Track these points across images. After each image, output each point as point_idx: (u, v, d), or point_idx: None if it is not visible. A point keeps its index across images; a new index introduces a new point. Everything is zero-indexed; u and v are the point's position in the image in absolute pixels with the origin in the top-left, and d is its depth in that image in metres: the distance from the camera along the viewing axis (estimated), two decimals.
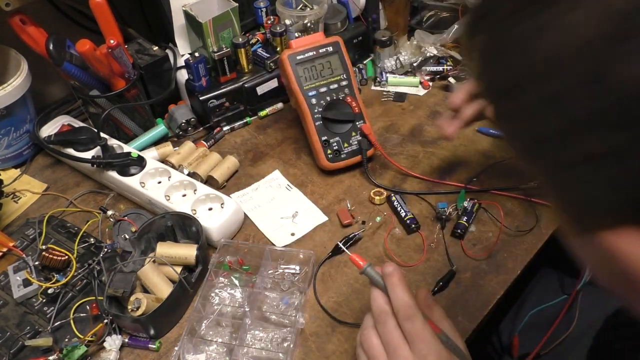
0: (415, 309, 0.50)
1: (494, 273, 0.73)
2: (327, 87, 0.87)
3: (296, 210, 0.83)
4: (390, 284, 0.52)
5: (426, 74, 1.06)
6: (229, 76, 0.96)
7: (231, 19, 0.94)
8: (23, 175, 0.92)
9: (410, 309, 0.50)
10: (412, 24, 1.14)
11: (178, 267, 0.72)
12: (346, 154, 0.87)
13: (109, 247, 0.75)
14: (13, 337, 0.67)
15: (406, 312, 0.50)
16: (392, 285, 0.51)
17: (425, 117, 0.99)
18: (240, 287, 0.73)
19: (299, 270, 0.74)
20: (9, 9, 0.80)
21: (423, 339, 0.49)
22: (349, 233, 0.77)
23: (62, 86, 1.05)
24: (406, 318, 0.50)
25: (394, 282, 0.51)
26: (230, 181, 0.89)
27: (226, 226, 0.77)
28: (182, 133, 0.96)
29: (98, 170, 0.85)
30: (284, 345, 0.66)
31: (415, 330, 0.50)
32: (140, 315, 0.65)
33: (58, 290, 0.70)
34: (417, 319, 0.50)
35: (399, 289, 0.51)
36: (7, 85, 0.85)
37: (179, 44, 0.99)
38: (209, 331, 0.68)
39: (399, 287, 0.51)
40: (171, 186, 0.81)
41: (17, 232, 0.80)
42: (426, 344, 0.49)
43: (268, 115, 1.01)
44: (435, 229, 0.79)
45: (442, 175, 0.87)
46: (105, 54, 0.83)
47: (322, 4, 0.99)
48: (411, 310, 0.50)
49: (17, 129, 0.90)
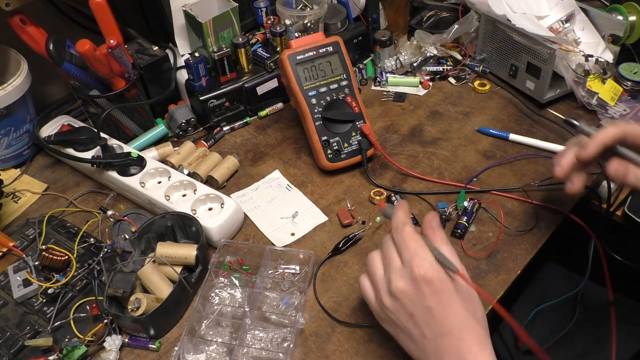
0: (405, 222, 0.56)
1: (494, 273, 0.73)
2: (327, 87, 0.87)
3: (296, 210, 0.83)
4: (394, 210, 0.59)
5: (426, 74, 1.06)
6: (229, 76, 0.96)
7: (231, 19, 0.94)
8: (23, 175, 0.92)
9: (400, 223, 0.56)
10: (412, 24, 1.14)
11: (178, 267, 0.72)
12: (346, 154, 0.87)
13: (109, 247, 0.75)
14: (13, 337, 0.67)
15: (396, 225, 0.56)
16: (394, 209, 0.59)
17: (425, 117, 0.99)
18: (240, 287, 0.73)
19: (299, 270, 0.74)
20: (9, 9, 0.80)
21: (407, 245, 0.54)
22: (349, 233, 0.77)
23: (62, 86, 1.05)
24: (395, 230, 0.56)
25: (396, 207, 0.59)
26: (230, 181, 0.89)
27: (226, 226, 0.77)
28: (182, 133, 0.96)
29: (98, 170, 0.85)
30: (284, 345, 0.66)
31: (402, 239, 0.55)
32: (140, 315, 0.65)
33: (58, 290, 0.70)
34: (404, 230, 0.55)
35: (398, 210, 0.58)
36: (7, 85, 0.85)
37: (179, 44, 0.99)
38: (209, 331, 0.68)
39: (398, 209, 0.58)
40: (171, 186, 0.81)
41: (17, 232, 0.80)
42: (410, 250, 0.54)
43: (268, 115, 1.01)
44: None
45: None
46: (105, 54, 0.83)
47: (322, 4, 0.99)
48: (400, 224, 0.56)
49: (17, 129, 0.90)
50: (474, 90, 1.04)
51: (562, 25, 1.01)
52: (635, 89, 0.96)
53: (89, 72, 0.87)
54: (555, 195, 0.83)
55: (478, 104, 1.01)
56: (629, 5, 1.00)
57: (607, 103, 0.94)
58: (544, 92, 0.96)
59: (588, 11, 1.02)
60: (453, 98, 1.03)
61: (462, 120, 0.98)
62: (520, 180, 0.85)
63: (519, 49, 0.97)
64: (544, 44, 0.91)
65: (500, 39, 1.00)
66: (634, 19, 0.99)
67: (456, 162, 0.89)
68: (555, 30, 1.01)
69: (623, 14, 1.00)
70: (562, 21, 1.01)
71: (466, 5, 1.06)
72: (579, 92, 0.95)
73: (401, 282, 0.53)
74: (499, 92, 1.03)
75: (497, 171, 0.87)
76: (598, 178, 0.86)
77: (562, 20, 1.01)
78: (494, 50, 1.03)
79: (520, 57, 0.97)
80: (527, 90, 0.99)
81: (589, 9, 1.02)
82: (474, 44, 1.07)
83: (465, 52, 1.08)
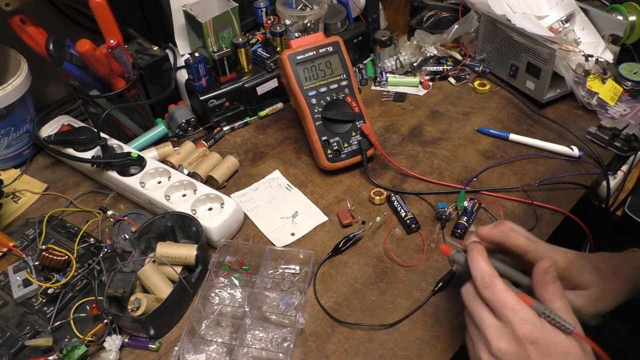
0: (492, 275, 0.49)
1: None
2: (327, 87, 0.87)
3: (296, 210, 0.83)
4: (470, 258, 0.52)
5: (426, 74, 1.06)
6: (229, 76, 0.96)
7: (231, 19, 0.94)
8: (23, 175, 0.92)
9: (487, 276, 0.49)
10: (412, 24, 1.14)
11: (178, 267, 0.72)
12: (346, 154, 0.87)
13: (109, 247, 0.75)
14: (13, 337, 0.67)
15: (483, 280, 0.49)
16: (471, 258, 0.52)
17: (425, 117, 0.99)
18: (240, 287, 0.73)
19: (299, 270, 0.74)
20: (9, 9, 0.80)
21: (506, 305, 0.48)
22: (349, 233, 0.77)
23: (62, 86, 1.05)
24: (484, 286, 0.49)
25: (472, 255, 0.52)
26: (230, 181, 0.89)
27: (226, 226, 0.77)
28: (182, 133, 0.96)
29: (98, 170, 0.85)
30: (284, 345, 0.66)
31: (495, 297, 0.48)
32: (140, 315, 0.65)
33: (58, 290, 0.70)
34: (495, 286, 0.49)
35: (478, 259, 0.51)
36: (7, 85, 0.85)
37: (179, 44, 0.99)
38: (209, 331, 0.68)
39: (478, 258, 0.51)
40: (171, 186, 0.81)
41: (17, 232, 0.80)
42: (511, 310, 0.47)
43: (268, 115, 1.01)
44: (435, 229, 0.79)
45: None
46: (105, 54, 0.83)
47: (322, 4, 0.99)
48: (488, 277, 0.49)
49: (17, 129, 0.90)
50: (474, 90, 1.04)
51: (562, 25, 1.01)
52: (635, 89, 0.96)
53: (89, 72, 0.87)
54: (555, 195, 0.83)
55: (478, 104, 1.01)
56: (629, 5, 1.00)
57: (607, 103, 0.94)
58: (544, 92, 0.96)
59: (588, 11, 1.02)
60: (453, 98, 1.03)
61: (462, 120, 0.98)
62: (520, 180, 0.85)
63: (519, 49, 0.97)
64: (544, 44, 0.91)
65: (500, 39, 1.00)
66: (634, 19, 0.99)
67: (456, 162, 0.89)
68: (555, 30, 1.01)
69: (623, 14, 1.00)
70: (562, 21, 1.01)
71: (466, 5, 1.06)
72: (579, 92, 0.95)
73: (502, 343, 0.47)
74: (499, 92, 1.03)
75: (497, 171, 0.87)
76: (598, 178, 0.86)
77: (562, 20, 1.01)
78: (494, 50, 1.03)
79: (520, 57, 0.97)
80: (527, 90, 0.99)
81: (589, 9, 1.02)
82: (474, 44, 1.07)
83: (465, 52, 1.08)
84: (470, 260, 0.52)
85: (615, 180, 0.92)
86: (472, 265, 0.51)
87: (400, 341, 0.66)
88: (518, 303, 0.48)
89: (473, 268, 0.51)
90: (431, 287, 0.71)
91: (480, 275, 0.50)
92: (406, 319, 0.68)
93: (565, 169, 0.87)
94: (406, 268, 0.74)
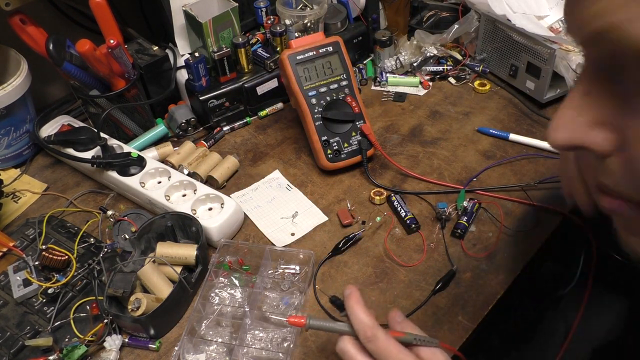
0: (374, 327, 0.49)
1: (494, 273, 0.73)
2: (327, 87, 0.87)
3: (296, 210, 0.83)
4: (349, 307, 0.51)
5: (426, 74, 1.06)
6: (229, 76, 0.96)
7: (231, 19, 0.94)
8: (23, 175, 0.92)
9: (370, 328, 0.49)
10: (412, 24, 1.14)
11: (178, 267, 0.72)
12: (346, 154, 0.87)
13: (109, 247, 0.75)
14: (13, 337, 0.67)
15: (365, 333, 0.49)
16: (350, 307, 0.51)
17: (425, 117, 0.99)
18: (240, 287, 0.73)
19: (299, 270, 0.74)
20: (9, 9, 0.80)
21: (390, 355, 0.49)
22: (349, 233, 0.77)
23: (62, 86, 1.05)
24: (367, 340, 0.49)
25: (351, 304, 0.51)
26: (230, 181, 0.89)
27: (226, 226, 0.77)
28: (182, 133, 0.96)
29: (98, 170, 0.85)
30: (284, 345, 0.66)
31: (379, 348, 0.49)
32: (140, 315, 0.65)
33: (58, 290, 0.70)
34: (378, 337, 0.49)
35: (357, 310, 0.51)
36: (7, 85, 0.85)
37: (179, 44, 0.99)
38: (209, 331, 0.68)
39: (356, 308, 0.51)
40: (171, 186, 0.81)
41: (17, 232, 0.80)
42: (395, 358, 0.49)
43: (268, 115, 1.01)
44: (435, 229, 0.79)
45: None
46: (105, 54, 0.83)
47: (322, 4, 0.99)
48: (370, 329, 0.49)
49: (17, 129, 0.90)
50: (474, 90, 1.04)
51: (562, 25, 1.01)
52: None
53: (89, 72, 0.87)
54: (555, 195, 0.83)
55: (478, 104, 1.01)
56: None
57: None
58: (544, 92, 0.96)
59: None
60: (453, 98, 1.03)
61: (462, 120, 0.98)
62: (520, 180, 0.85)
63: (519, 49, 0.97)
64: (544, 43, 0.91)
65: (500, 39, 1.00)
66: None
67: (456, 162, 0.89)
68: (556, 30, 1.01)
69: None
70: (562, 21, 1.01)
71: (466, 5, 1.06)
72: None
73: None
74: (499, 92, 1.03)
75: (497, 171, 0.87)
76: None
77: (562, 20, 1.01)
78: (494, 50, 1.03)
79: (520, 57, 0.97)
80: (527, 90, 0.99)
81: None
82: (474, 44, 1.07)
83: (465, 52, 1.08)
84: (349, 310, 0.51)
85: None
86: (352, 317, 0.51)
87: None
88: (400, 351, 0.49)
89: (353, 320, 0.50)
90: (431, 287, 0.72)
91: (362, 328, 0.50)
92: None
93: None
94: (406, 268, 0.74)
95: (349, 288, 0.53)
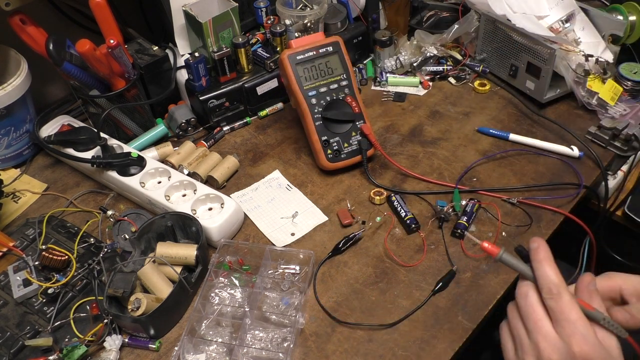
0: (562, 286, 0.47)
1: (494, 273, 0.73)
2: (327, 87, 0.87)
3: (296, 210, 0.83)
4: (536, 261, 0.48)
5: (426, 74, 1.06)
6: (229, 76, 0.96)
7: (231, 19, 0.94)
8: (23, 175, 0.92)
9: (555, 286, 0.47)
10: (412, 24, 1.14)
11: (178, 267, 0.72)
12: (346, 154, 0.87)
13: (109, 247, 0.75)
14: (13, 337, 0.67)
15: (550, 289, 0.47)
16: (537, 262, 0.48)
17: (425, 117, 0.99)
18: (240, 287, 0.73)
19: (299, 270, 0.74)
20: (9, 9, 0.80)
21: (568, 317, 0.46)
22: (349, 233, 0.77)
23: (62, 86, 1.05)
24: (550, 295, 0.47)
25: (539, 258, 0.48)
26: (230, 181, 0.89)
27: (226, 226, 0.77)
28: (182, 133, 0.96)
29: (98, 170, 0.85)
30: (284, 345, 0.66)
31: (560, 308, 0.46)
32: (140, 315, 0.65)
33: (58, 290, 0.70)
34: (563, 297, 0.46)
35: (545, 264, 0.48)
36: (7, 85, 0.85)
37: (179, 44, 0.99)
38: (209, 331, 0.68)
39: (545, 262, 0.48)
40: (171, 186, 0.81)
41: (17, 232, 0.80)
42: (572, 324, 0.45)
43: (268, 115, 1.01)
44: (435, 229, 0.79)
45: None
46: (105, 54, 0.83)
47: (322, 4, 0.99)
48: (556, 287, 0.47)
49: (17, 129, 0.90)
50: (474, 90, 1.04)
51: (562, 25, 1.01)
52: (636, 88, 0.96)
53: (89, 72, 0.87)
54: (555, 195, 0.83)
55: (478, 104, 1.01)
56: (629, 5, 1.00)
57: (607, 103, 0.94)
58: (544, 92, 0.96)
59: (588, 11, 1.02)
60: (453, 98, 1.03)
61: (462, 120, 0.98)
62: (520, 180, 0.85)
63: (519, 49, 0.97)
64: (544, 44, 0.91)
65: (500, 39, 1.00)
66: (634, 18, 0.99)
67: (456, 162, 0.89)
68: (555, 30, 1.01)
69: (623, 14, 1.00)
70: (562, 21, 1.01)
71: (466, 5, 1.06)
72: (579, 92, 0.95)
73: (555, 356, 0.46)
74: (499, 92, 1.03)
75: (497, 171, 0.87)
76: (597, 178, 0.86)
77: (562, 20, 1.01)
78: (494, 50, 1.03)
79: (520, 57, 0.97)
80: (527, 90, 0.99)
81: (589, 9, 1.02)
82: (474, 44, 1.07)
83: (465, 52, 1.08)
84: (536, 265, 0.48)
85: (615, 180, 0.92)
86: (538, 272, 0.48)
87: (400, 341, 0.66)
88: (580, 318, 0.46)
89: (539, 275, 0.48)
90: (431, 287, 0.72)
91: (547, 284, 0.47)
92: (406, 319, 0.68)
93: (565, 169, 0.87)
94: (406, 268, 0.74)
95: (536, 241, 0.49)
